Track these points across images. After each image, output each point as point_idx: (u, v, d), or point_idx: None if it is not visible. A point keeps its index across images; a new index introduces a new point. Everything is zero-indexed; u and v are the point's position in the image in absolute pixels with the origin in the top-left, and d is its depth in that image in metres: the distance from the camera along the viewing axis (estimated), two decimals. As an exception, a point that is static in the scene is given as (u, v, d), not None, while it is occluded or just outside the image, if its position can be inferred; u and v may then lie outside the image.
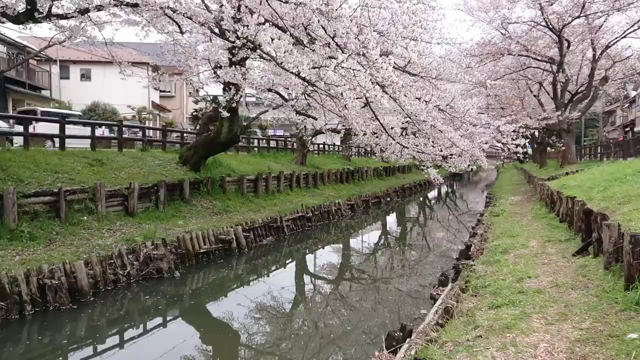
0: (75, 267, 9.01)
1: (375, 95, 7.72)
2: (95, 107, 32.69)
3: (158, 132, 25.18)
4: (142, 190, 13.43)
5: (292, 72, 8.41)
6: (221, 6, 10.17)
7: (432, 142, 15.06)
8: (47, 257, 9.19)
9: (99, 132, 20.29)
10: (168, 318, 9.19)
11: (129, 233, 11.61)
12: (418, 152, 15.37)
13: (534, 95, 31.18)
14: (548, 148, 37.42)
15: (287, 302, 10.59)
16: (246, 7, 9.77)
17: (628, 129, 49.16)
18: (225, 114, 14.16)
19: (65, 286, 8.78)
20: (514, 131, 16.84)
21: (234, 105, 14.25)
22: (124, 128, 18.31)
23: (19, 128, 16.87)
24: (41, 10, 9.31)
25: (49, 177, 11.81)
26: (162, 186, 14.03)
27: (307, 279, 13.06)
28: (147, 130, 21.77)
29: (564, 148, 27.56)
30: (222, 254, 13.16)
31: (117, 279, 9.97)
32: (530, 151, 46.03)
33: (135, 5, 9.18)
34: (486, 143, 17.73)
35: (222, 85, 14.19)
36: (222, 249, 13.14)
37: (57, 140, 16.16)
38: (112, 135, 21.45)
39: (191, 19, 9.76)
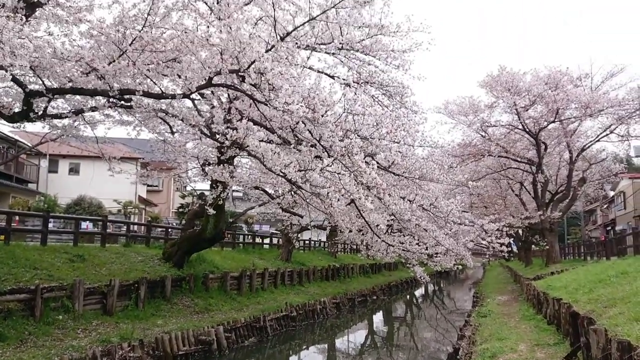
0: (45, 371, 8.55)
1: (360, 198, 7.88)
2: (80, 201, 32.57)
3: (143, 227, 24.99)
4: (122, 287, 13.08)
5: (278, 174, 8.60)
6: (212, 108, 10.60)
7: (418, 240, 15.11)
8: (16, 360, 8.73)
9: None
10: None
11: (105, 333, 11.14)
12: (403, 250, 15.38)
13: (516, 195, 31.87)
14: (532, 246, 37.63)
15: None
16: (236, 109, 10.19)
17: (609, 227, 49.92)
18: (212, 211, 14.23)
19: (33, 392, 8.27)
20: (497, 230, 17.03)
21: (220, 202, 14.37)
22: (107, 223, 18.21)
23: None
24: (37, 111, 9.56)
25: (27, 273, 11.51)
26: (143, 283, 13.70)
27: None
28: (131, 225, 21.63)
29: (548, 247, 27.74)
30: (202, 356, 12.59)
31: (88, 384, 9.42)
32: (515, 249, 46.19)
33: (129, 107, 9.51)
34: (471, 241, 17.83)
35: (209, 181, 14.38)
36: (201, 351, 12.59)
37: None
38: (96, 230, 21.25)
39: (182, 121, 10.10)
